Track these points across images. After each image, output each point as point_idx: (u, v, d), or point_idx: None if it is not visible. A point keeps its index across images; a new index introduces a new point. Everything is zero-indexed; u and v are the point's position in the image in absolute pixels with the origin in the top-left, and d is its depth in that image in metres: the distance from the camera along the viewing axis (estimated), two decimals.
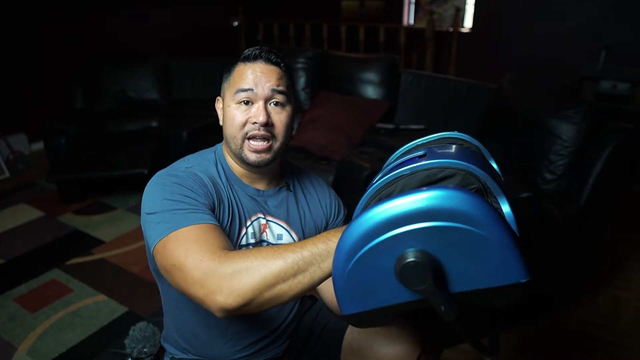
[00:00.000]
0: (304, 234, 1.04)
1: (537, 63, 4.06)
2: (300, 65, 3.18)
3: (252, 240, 0.97)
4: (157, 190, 0.86)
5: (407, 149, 0.80)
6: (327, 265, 0.68)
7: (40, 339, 1.83)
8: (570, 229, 1.75)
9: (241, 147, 0.92)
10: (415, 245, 0.56)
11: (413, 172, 0.65)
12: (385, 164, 0.81)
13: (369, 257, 0.58)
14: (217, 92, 1.00)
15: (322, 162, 2.52)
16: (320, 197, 1.10)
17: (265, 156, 0.92)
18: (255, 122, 0.90)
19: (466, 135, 0.78)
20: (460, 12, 4.39)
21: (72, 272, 2.25)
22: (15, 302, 2.05)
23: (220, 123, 0.98)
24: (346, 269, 0.60)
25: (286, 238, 1.01)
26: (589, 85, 3.44)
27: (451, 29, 4.37)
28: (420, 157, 0.68)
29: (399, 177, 0.66)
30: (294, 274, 0.67)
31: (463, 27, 4.72)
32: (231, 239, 0.93)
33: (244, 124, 0.91)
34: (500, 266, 0.56)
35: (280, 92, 0.92)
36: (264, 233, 0.99)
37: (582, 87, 3.50)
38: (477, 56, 4.54)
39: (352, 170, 2.23)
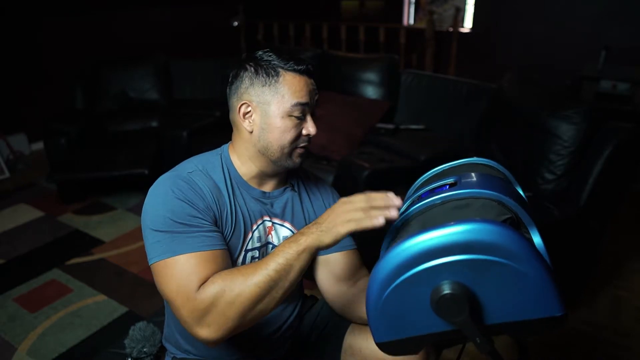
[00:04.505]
0: None
1: (537, 63, 4.05)
2: None
3: (257, 244, 0.97)
4: (159, 203, 0.86)
5: (432, 175, 0.80)
6: (292, 275, 0.78)
7: (40, 339, 1.83)
8: (570, 229, 1.75)
9: (289, 156, 0.93)
10: (452, 277, 0.56)
11: (445, 201, 0.64)
12: (411, 190, 0.81)
13: (405, 287, 0.58)
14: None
15: (322, 162, 2.52)
16: (323, 197, 1.10)
17: (303, 158, 0.96)
18: (307, 135, 0.93)
19: (492, 162, 0.78)
20: (460, 12, 4.39)
21: (72, 272, 2.25)
22: (15, 302, 2.05)
23: (249, 129, 0.93)
24: (381, 298, 0.60)
25: None
26: (589, 85, 3.43)
27: (451, 29, 4.37)
28: (451, 185, 0.68)
29: (430, 205, 0.65)
30: (268, 292, 0.77)
31: (463, 27, 4.72)
32: (235, 245, 0.93)
33: (297, 137, 0.93)
34: (537, 300, 0.56)
35: (317, 104, 0.96)
36: (269, 235, 1.00)
37: (582, 87, 3.49)
38: (477, 56, 4.53)
39: (352, 170, 2.23)
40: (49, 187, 3.13)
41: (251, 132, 0.93)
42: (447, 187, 0.68)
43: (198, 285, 0.78)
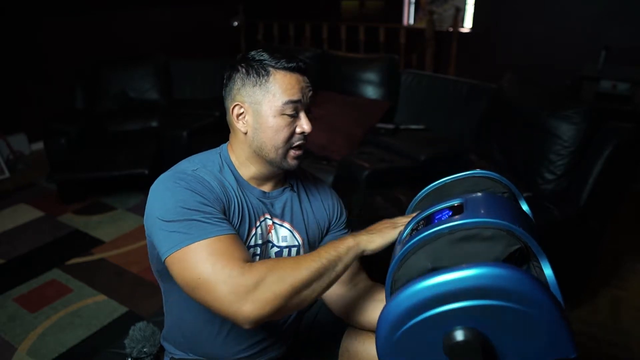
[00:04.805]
0: (308, 236, 1.04)
1: (537, 63, 4.05)
2: None
3: (259, 241, 0.97)
4: (168, 196, 0.85)
5: (435, 187, 0.79)
6: (340, 268, 0.81)
7: (40, 339, 1.83)
8: (570, 229, 1.75)
9: (284, 156, 0.93)
10: (465, 322, 0.55)
11: (453, 231, 0.63)
12: (413, 203, 0.82)
13: (416, 331, 0.58)
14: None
15: (322, 162, 2.52)
16: (323, 198, 1.10)
17: (300, 159, 0.95)
18: (302, 132, 0.92)
19: (496, 174, 0.77)
20: (460, 12, 4.39)
21: (72, 272, 2.25)
22: (15, 302, 2.05)
23: (243, 130, 0.93)
24: (392, 339, 0.59)
25: (290, 240, 1.02)
26: (589, 85, 3.43)
27: (451, 29, 4.37)
28: (456, 208, 0.67)
29: (438, 234, 0.64)
30: (317, 279, 0.78)
31: (463, 27, 4.72)
32: (241, 238, 0.94)
33: (291, 136, 0.92)
34: (551, 343, 0.56)
35: (312, 102, 0.94)
36: (270, 234, 1.00)
37: (582, 87, 3.49)
38: (477, 56, 4.53)
39: (352, 170, 2.23)
40: (49, 187, 3.13)
41: (245, 134, 0.93)
42: (450, 212, 0.67)
43: (242, 262, 0.77)
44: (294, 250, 1.02)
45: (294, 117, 0.91)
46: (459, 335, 0.55)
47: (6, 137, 3.62)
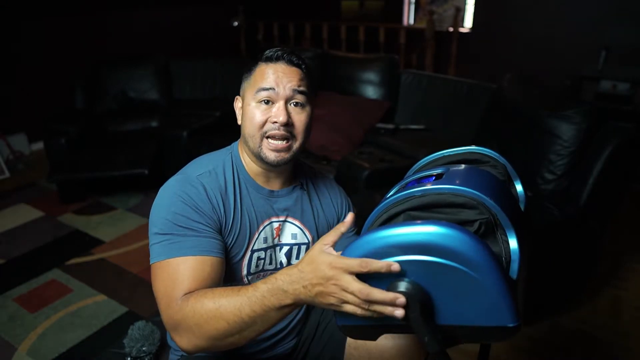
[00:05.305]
0: (318, 233, 1.06)
1: (537, 63, 4.05)
2: None
3: (263, 245, 0.98)
4: (164, 206, 0.88)
5: (430, 160, 0.81)
6: (267, 323, 0.72)
7: (40, 339, 1.83)
8: (570, 229, 1.75)
9: (260, 146, 0.92)
10: (408, 274, 0.58)
11: (424, 194, 0.64)
12: (410, 172, 0.83)
13: (364, 277, 0.60)
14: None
15: (322, 162, 2.52)
16: (332, 196, 1.11)
17: (285, 155, 0.92)
18: (275, 122, 0.90)
19: (494, 152, 0.78)
20: (460, 12, 4.39)
21: (72, 272, 2.25)
22: (15, 302, 2.05)
23: (239, 122, 0.98)
24: None
25: (300, 237, 1.03)
26: (589, 85, 3.44)
27: (451, 29, 4.37)
28: (437, 176, 0.68)
29: (410, 196, 0.66)
30: (239, 331, 0.73)
31: (463, 27, 4.72)
32: (241, 245, 0.95)
33: (264, 123, 0.91)
34: (490, 308, 0.57)
35: (300, 93, 0.92)
36: (277, 238, 1.01)
37: (582, 87, 3.50)
38: (477, 56, 4.53)
39: (351, 170, 2.23)
40: (49, 187, 3.13)
41: (240, 125, 0.98)
42: (433, 177, 0.68)
43: (182, 294, 0.79)
44: (303, 247, 1.04)
45: (269, 105, 0.92)
46: (402, 286, 0.57)
47: (6, 137, 3.62)
